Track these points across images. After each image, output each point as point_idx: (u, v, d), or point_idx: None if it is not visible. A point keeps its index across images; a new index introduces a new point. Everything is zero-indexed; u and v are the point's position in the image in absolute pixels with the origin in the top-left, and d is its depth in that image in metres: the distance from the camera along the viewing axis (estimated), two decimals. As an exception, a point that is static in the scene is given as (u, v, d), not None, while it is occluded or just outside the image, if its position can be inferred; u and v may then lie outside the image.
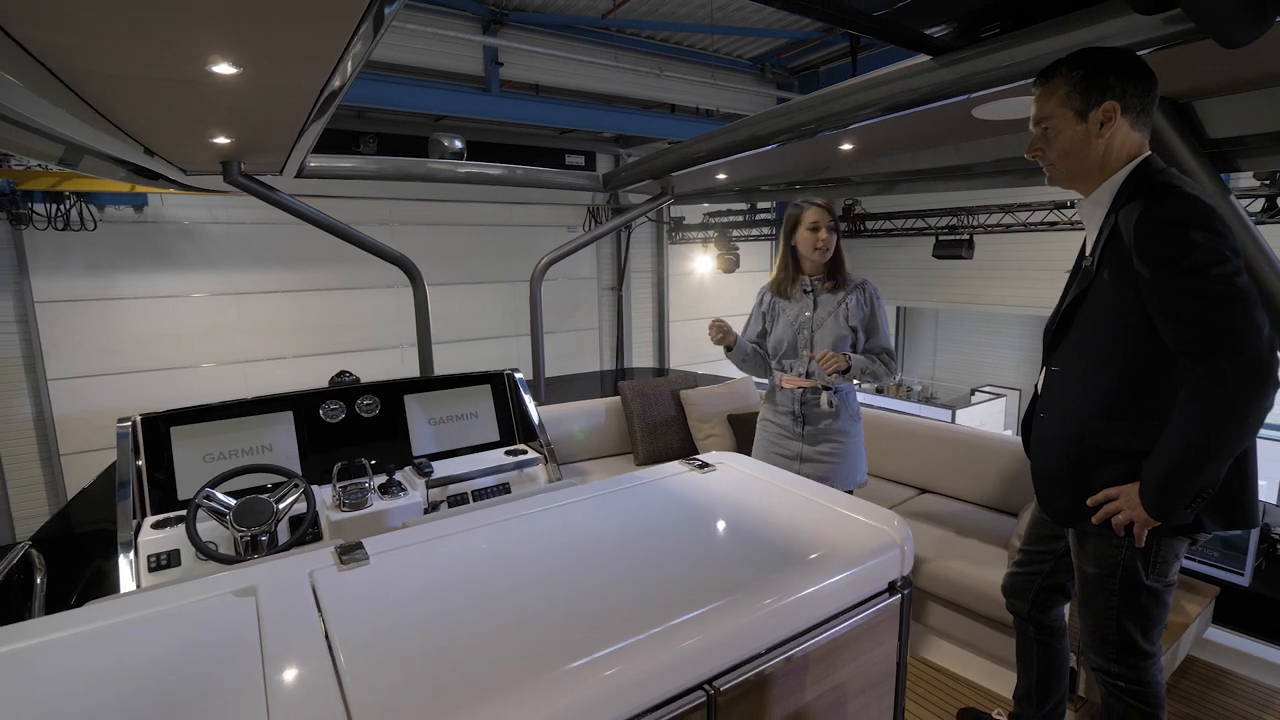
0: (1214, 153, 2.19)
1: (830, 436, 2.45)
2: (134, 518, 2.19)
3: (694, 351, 11.47)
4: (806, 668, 1.21)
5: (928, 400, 13.67)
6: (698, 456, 1.83)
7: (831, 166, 3.13)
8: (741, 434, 3.55)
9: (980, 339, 14.42)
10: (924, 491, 3.23)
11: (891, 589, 1.36)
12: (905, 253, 10.95)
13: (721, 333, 2.46)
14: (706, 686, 1.07)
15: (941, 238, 8.54)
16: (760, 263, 12.12)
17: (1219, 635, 2.51)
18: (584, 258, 10.40)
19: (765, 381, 2.71)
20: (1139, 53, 1.68)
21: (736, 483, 1.66)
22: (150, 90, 1.60)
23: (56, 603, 1.97)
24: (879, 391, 14.48)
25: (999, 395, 13.54)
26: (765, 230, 10.86)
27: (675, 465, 1.79)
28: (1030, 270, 9.56)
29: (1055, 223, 7.45)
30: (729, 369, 3.15)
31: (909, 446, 3.28)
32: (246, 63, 1.46)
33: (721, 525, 1.45)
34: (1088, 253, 1.63)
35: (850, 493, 1.96)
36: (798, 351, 2.45)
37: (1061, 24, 1.77)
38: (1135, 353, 1.47)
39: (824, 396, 2.41)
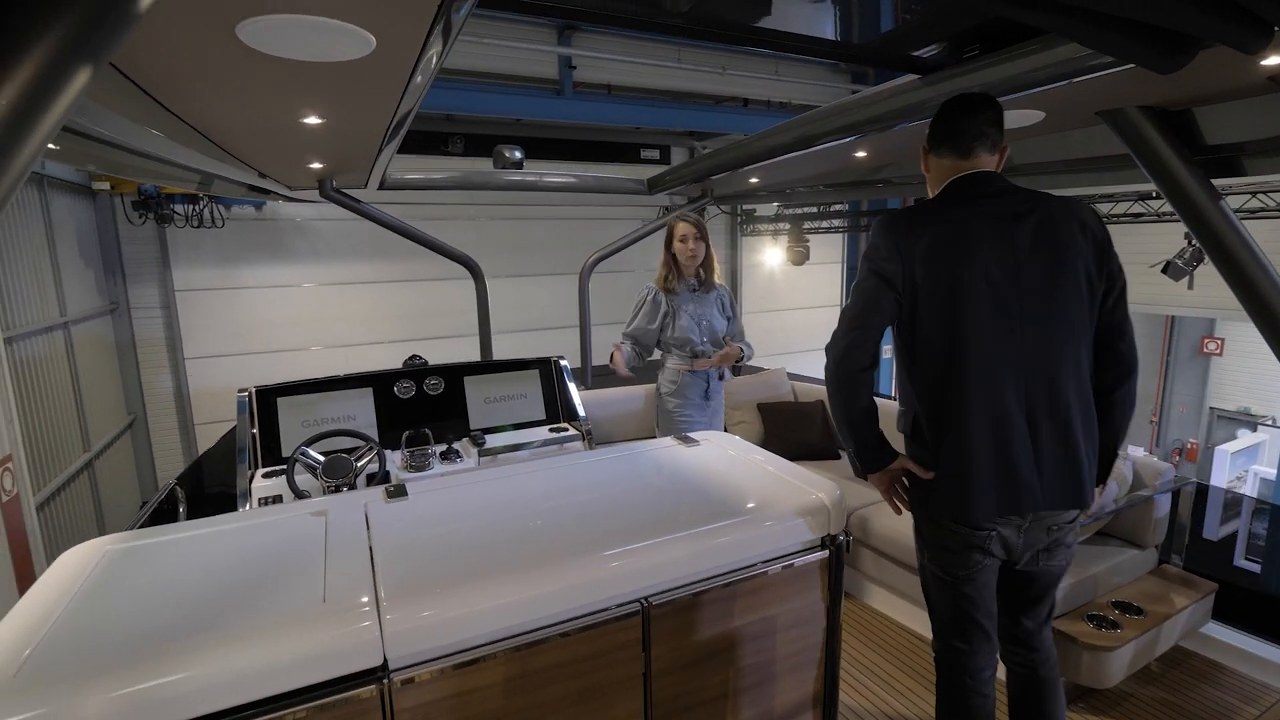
0: (1210, 159, 2.25)
1: (719, 404, 3.20)
2: (250, 468, 2.75)
3: (768, 343, 11.54)
4: (734, 598, 1.51)
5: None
6: (689, 434, 2.15)
7: (853, 170, 3.31)
8: (770, 421, 3.80)
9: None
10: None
11: (823, 544, 1.63)
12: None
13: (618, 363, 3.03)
14: (642, 601, 1.40)
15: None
16: (831, 254, 12.02)
17: (1217, 630, 2.56)
18: (655, 250, 10.72)
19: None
20: (1102, 73, 1.84)
21: (712, 456, 1.97)
22: (260, 135, 2.07)
23: (192, 529, 2.56)
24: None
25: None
26: (838, 222, 10.80)
27: (668, 440, 2.11)
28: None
29: (1140, 214, 7.07)
30: (771, 361, 3.49)
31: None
32: (328, 115, 1.89)
33: (684, 485, 1.76)
34: None
35: None
36: (701, 342, 3.04)
37: (1036, 44, 1.91)
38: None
39: (724, 372, 3.14)
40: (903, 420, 1.72)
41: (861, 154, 2.91)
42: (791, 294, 11.85)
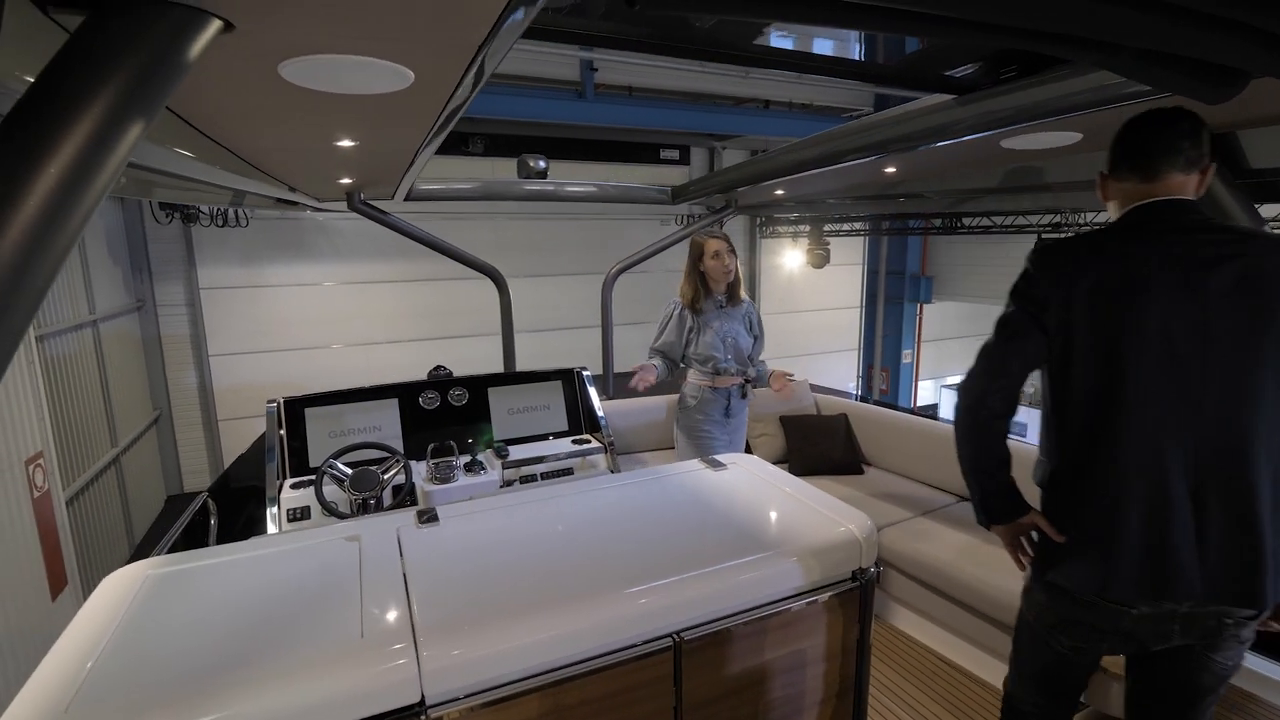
0: (1254, 183, 2.20)
1: (741, 422, 3.18)
2: (277, 478, 2.79)
3: (787, 345, 11.49)
4: (765, 632, 1.51)
5: (1039, 403, 12.91)
6: (716, 457, 2.14)
7: (881, 185, 3.28)
8: (793, 435, 3.78)
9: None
10: (963, 499, 3.34)
11: (853, 578, 1.62)
12: (1007, 250, 10.45)
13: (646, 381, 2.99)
14: (675, 636, 1.40)
15: (1043, 235, 8.16)
16: (852, 256, 11.93)
17: (1254, 662, 2.51)
18: (675, 251, 10.71)
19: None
20: (1146, 99, 1.81)
21: (741, 481, 1.96)
22: (294, 155, 2.10)
23: (224, 539, 2.60)
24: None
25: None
26: (859, 225, 10.72)
27: (695, 463, 2.11)
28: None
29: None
30: (789, 363, 3.50)
31: (954, 455, 3.39)
32: (362, 139, 1.91)
33: (714, 514, 1.76)
34: None
35: None
36: (725, 359, 3.02)
37: (1077, 67, 1.87)
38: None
39: (746, 389, 3.10)
40: (1039, 471, 1.56)
41: (891, 170, 2.88)
42: (811, 296, 11.78)
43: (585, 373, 3.49)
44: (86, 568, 6.03)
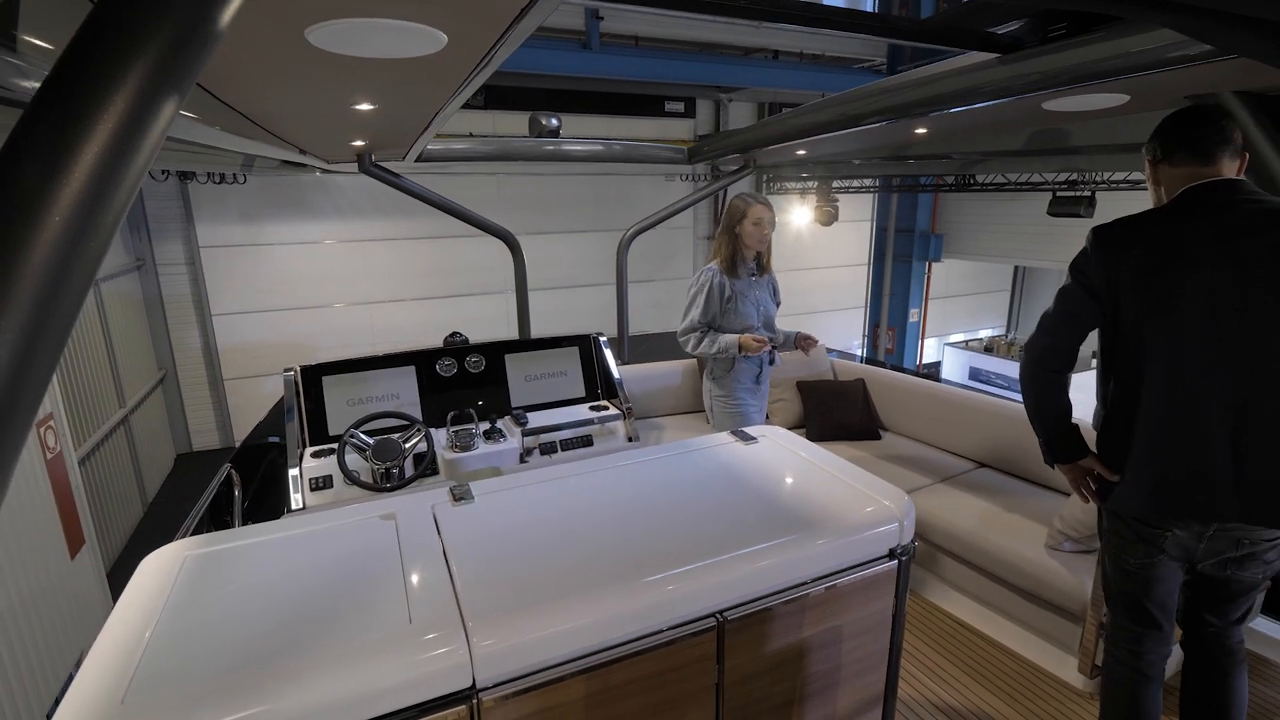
0: (1306, 147, 2.11)
1: (767, 388, 3.19)
2: (298, 446, 2.78)
3: (790, 303, 11.40)
4: (805, 610, 1.51)
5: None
6: (745, 429, 2.12)
7: (910, 145, 3.17)
8: (810, 400, 3.77)
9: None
10: (982, 465, 3.35)
11: (891, 554, 1.62)
12: (1020, 208, 10.28)
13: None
14: (718, 615, 1.40)
15: (1059, 194, 8.00)
16: (861, 213, 11.75)
17: (1265, 625, 2.55)
18: (692, 211, 10.50)
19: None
20: (1203, 63, 1.72)
21: (773, 455, 1.95)
22: (308, 118, 2.01)
23: (248, 509, 2.60)
24: (988, 350, 13.86)
25: (1122, 359, 12.59)
26: (868, 181, 10.50)
27: (724, 436, 2.09)
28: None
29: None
30: (797, 320, 3.41)
31: (972, 421, 3.39)
32: (382, 102, 1.82)
33: (752, 490, 1.75)
34: None
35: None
36: (758, 327, 3.01)
37: (1131, 24, 1.78)
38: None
39: (774, 355, 3.08)
40: (1096, 418, 1.80)
41: (921, 130, 2.78)
42: (819, 253, 11.66)
43: (602, 338, 3.45)
44: (102, 526, 6.11)
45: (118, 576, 5.36)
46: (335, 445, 2.67)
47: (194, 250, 8.56)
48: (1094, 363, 1.84)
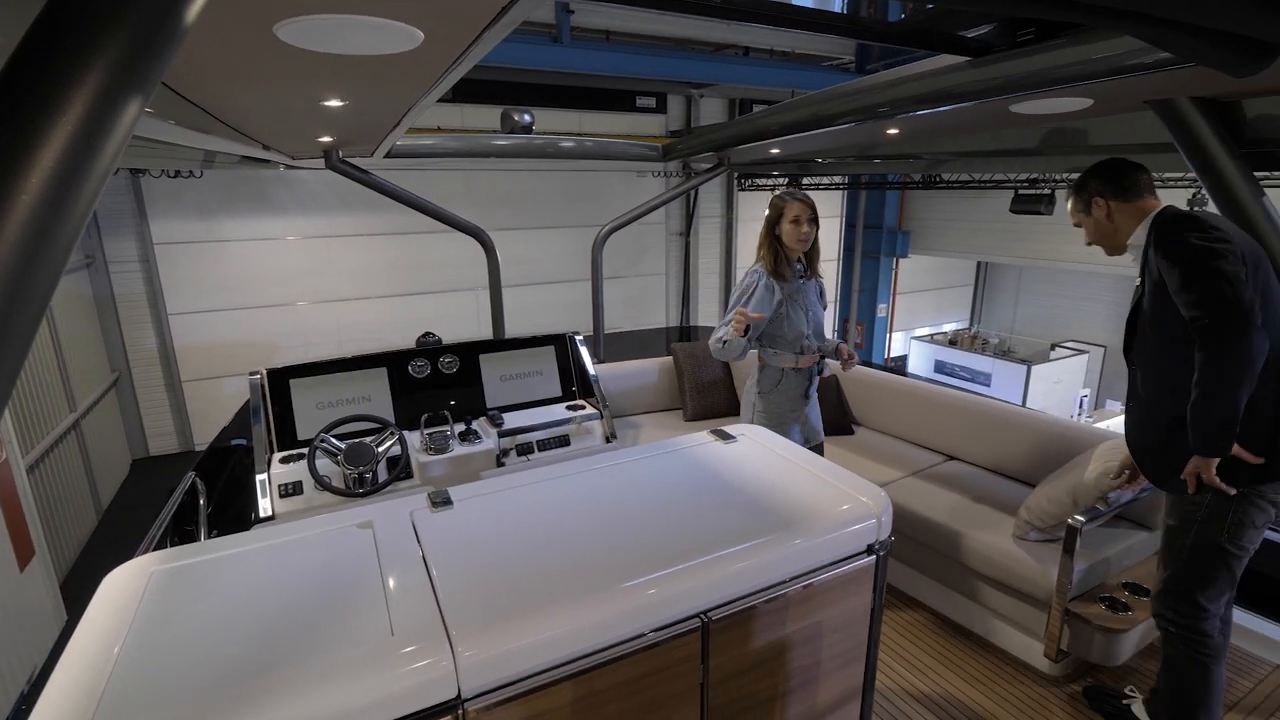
0: (1256, 152, 2.20)
1: (816, 401, 2.88)
2: (265, 451, 2.70)
3: (757, 299, 11.46)
4: (787, 607, 1.53)
5: (1004, 354, 13.20)
6: (723, 428, 2.13)
7: (882, 145, 3.22)
8: (783, 395, 3.80)
9: (1068, 292, 13.70)
10: (950, 458, 3.42)
11: (869, 550, 1.64)
12: (984, 205, 10.53)
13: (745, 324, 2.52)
14: (702, 616, 1.41)
15: (1021, 192, 8.22)
16: (830, 210, 11.89)
17: (1261, 625, 2.65)
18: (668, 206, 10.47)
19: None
20: (1164, 70, 1.78)
21: (752, 455, 1.96)
22: (274, 115, 1.94)
23: (214, 518, 2.52)
24: (952, 344, 14.17)
25: (1081, 352, 13.01)
26: (837, 179, 10.64)
27: (703, 435, 2.09)
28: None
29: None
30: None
31: (941, 416, 3.46)
32: (353, 99, 1.77)
33: (732, 491, 1.76)
34: (1138, 278, 2.03)
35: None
36: (809, 335, 2.72)
37: (1097, 31, 1.82)
38: (1179, 341, 1.86)
39: (823, 364, 2.82)
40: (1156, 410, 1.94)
41: (893, 131, 2.82)
42: (786, 250, 11.72)
43: (578, 337, 3.43)
44: (54, 536, 5.86)
45: (72, 588, 5.15)
46: (305, 450, 2.60)
47: (148, 247, 8.25)
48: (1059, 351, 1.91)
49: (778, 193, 2.70)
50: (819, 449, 2.86)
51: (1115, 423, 10.40)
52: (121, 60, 0.75)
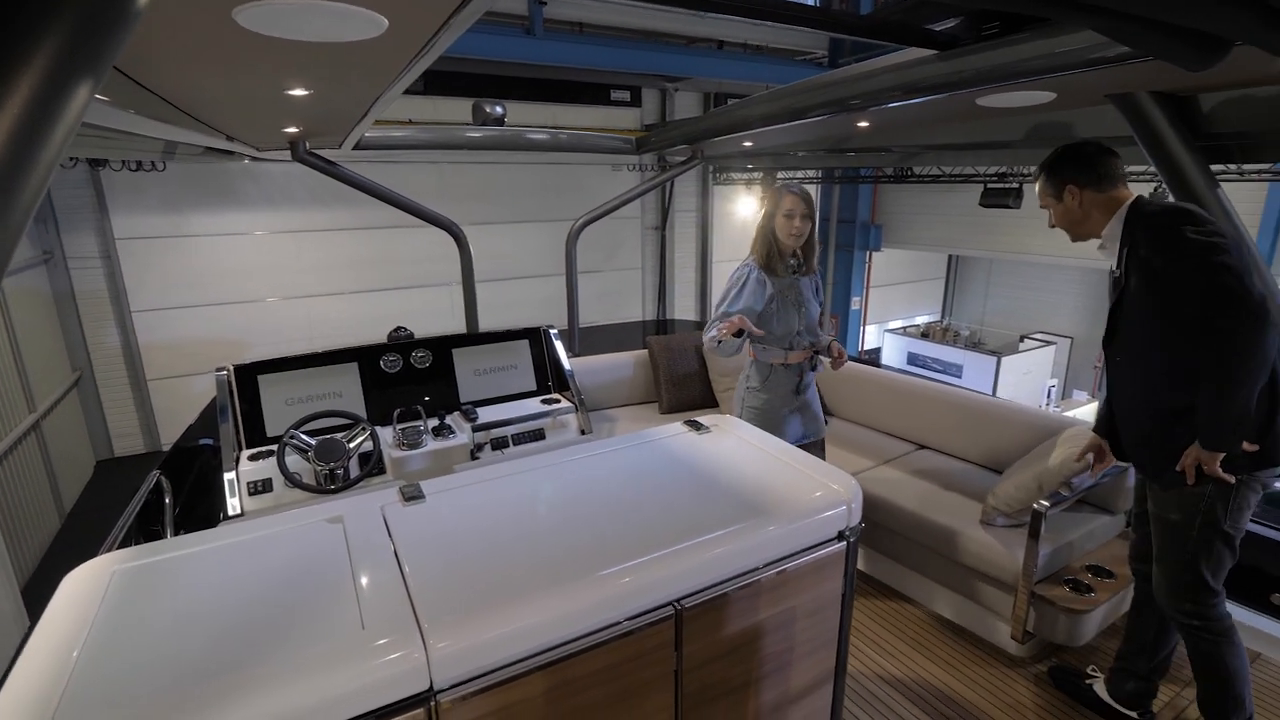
0: (1212, 145, 2.27)
1: (814, 395, 2.85)
2: (234, 449, 2.65)
3: (733, 292, 11.51)
4: (759, 594, 1.54)
5: (974, 346, 13.43)
6: (697, 418, 2.14)
7: (854, 138, 3.25)
8: (757, 387, 3.83)
9: (1036, 285, 13.98)
10: (921, 447, 3.48)
11: (840, 536, 1.67)
12: (954, 199, 10.69)
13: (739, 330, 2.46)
14: (675, 603, 1.41)
15: (990, 186, 8.36)
16: (803, 204, 11.97)
17: (1264, 623, 2.73)
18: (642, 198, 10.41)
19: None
20: (1126, 63, 1.82)
21: (725, 444, 1.97)
22: (236, 104, 1.90)
23: (181, 519, 2.47)
24: (924, 336, 14.40)
25: (1049, 343, 13.31)
26: (811, 173, 10.72)
27: (677, 426, 2.10)
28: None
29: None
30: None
31: (913, 405, 3.52)
32: (317, 87, 1.74)
33: (705, 480, 1.77)
34: (1116, 270, 2.01)
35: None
36: (801, 331, 2.69)
37: (1059, 26, 1.86)
38: (1177, 334, 1.85)
39: (815, 360, 2.77)
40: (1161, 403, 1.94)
41: (864, 124, 2.85)
42: (761, 244, 11.79)
43: (552, 330, 3.41)
44: (14, 540, 5.70)
45: (34, 592, 5.01)
46: (274, 447, 2.56)
47: (109, 242, 8.03)
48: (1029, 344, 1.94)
49: (777, 185, 2.69)
50: (819, 446, 2.85)
51: (1081, 411, 10.67)
52: (69, 41, 0.72)
